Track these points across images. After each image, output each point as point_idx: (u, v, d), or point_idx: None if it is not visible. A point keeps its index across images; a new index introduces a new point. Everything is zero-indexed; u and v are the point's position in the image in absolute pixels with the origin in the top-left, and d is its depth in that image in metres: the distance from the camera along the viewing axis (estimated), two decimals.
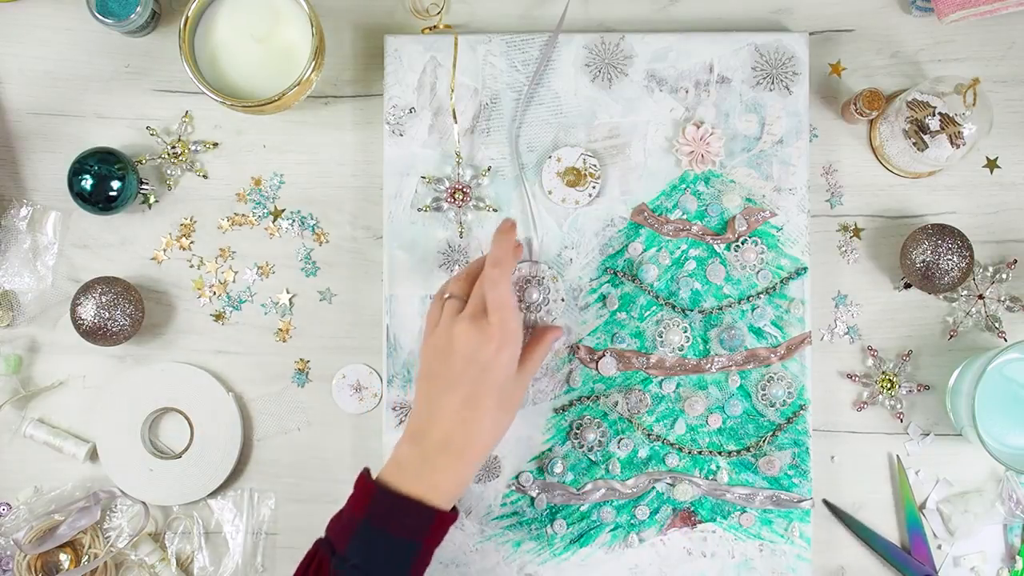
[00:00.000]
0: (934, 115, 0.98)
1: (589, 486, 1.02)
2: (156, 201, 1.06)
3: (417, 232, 1.03)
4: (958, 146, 0.98)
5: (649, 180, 1.03)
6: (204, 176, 1.06)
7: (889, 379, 1.04)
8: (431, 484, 0.86)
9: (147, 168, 1.06)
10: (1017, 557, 1.03)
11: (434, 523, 0.86)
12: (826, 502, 1.04)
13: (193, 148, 1.06)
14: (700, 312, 1.02)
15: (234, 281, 1.05)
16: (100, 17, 0.99)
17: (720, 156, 1.02)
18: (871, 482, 1.04)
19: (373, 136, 1.06)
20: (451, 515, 0.88)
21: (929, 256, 0.99)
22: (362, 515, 0.85)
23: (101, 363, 1.05)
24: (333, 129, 1.06)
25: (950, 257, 0.99)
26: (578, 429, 1.01)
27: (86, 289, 1.00)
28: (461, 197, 1.02)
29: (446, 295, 0.92)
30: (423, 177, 1.03)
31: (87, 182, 1.00)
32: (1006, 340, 1.04)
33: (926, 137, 0.99)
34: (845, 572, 1.04)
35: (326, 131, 1.06)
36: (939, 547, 1.04)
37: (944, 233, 1.00)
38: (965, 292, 1.04)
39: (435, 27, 1.04)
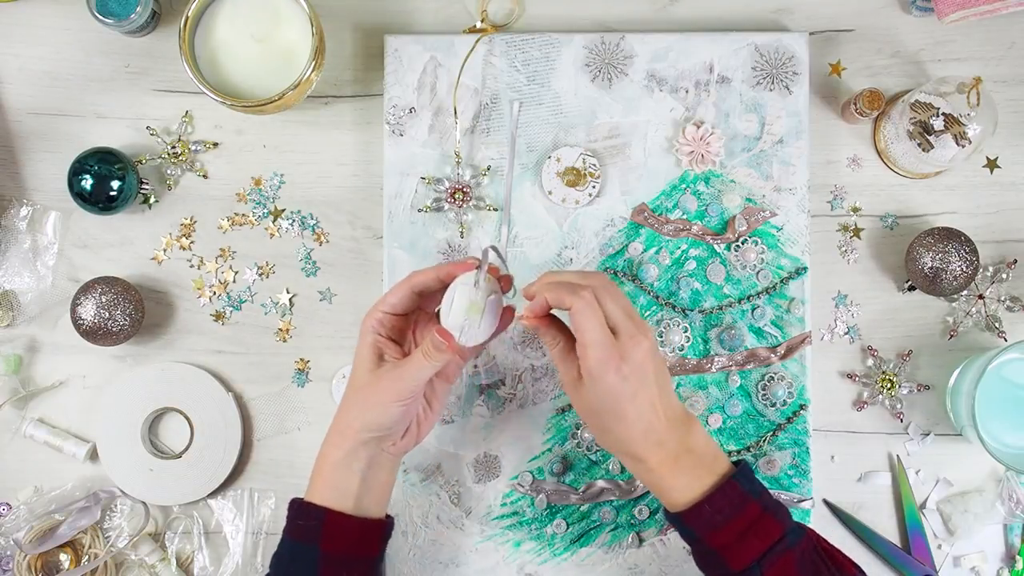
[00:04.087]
0: (938, 115, 0.99)
1: (589, 486, 1.01)
2: (156, 201, 1.06)
3: (417, 232, 1.03)
4: (963, 146, 0.98)
5: (649, 180, 1.03)
6: (204, 176, 1.06)
7: (889, 379, 1.04)
8: (309, 484, 0.88)
9: (147, 168, 1.06)
10: (1017, 557, 1.03)
11: (325, 523, 0.85)
12: (826, 502, 1.04)
13: (193, 148, 1.06)
14: (700, 312, 1.02)
15: (234, 281, 1.05)
16: (100, 17, 0.99)
17: (720, 156, 1.02)
18: (871, 482, 1.04)
19: (373, 136, 1.06)
20: (347, 518, 0.86)
21: (938, 263, 0.99)
22: (284, 528, 0.88)
23: (101, 363, 1.05)
24: (333, 129, 1.06)
25: (958, 263, 0.99)
26: (578, 429, 1.01)
27: (86, 289, 1.00)
28: (461, 197, 1.02)
29: None
30: (423, 177, 1.03)
31: (87, 182, 1.00)
32: (1006, 340, 1.04)
33: (931, 138, 0.99)
34: None
35: (326, 131, 1.06)
36: (939, 547, 1.04)
37: (951, 238, 1.00)
38: (965, 292, 1.04)
39: (482, 30, 1.04)
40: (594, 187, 1.02)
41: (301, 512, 0.87)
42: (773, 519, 0.81)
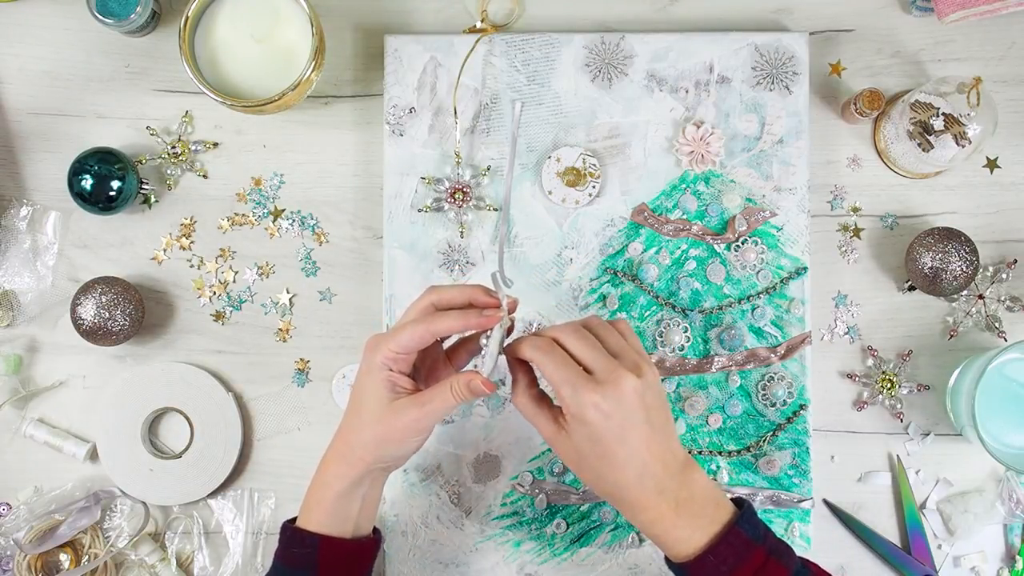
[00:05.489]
0: (938, 115, 0.99)
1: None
2: (156, 201, 1.06)
3: (417, 232, 1.03)
4: (963, 146, 0.98)
5: (649, 180, 1.03)
6: (204, 176, 1.06)
7: (889, 379, 1.04)
8: (303, 508, 0.87)
9: (147, 168, 1.06)
10: (1017, 557, 1.03)
11: (320, 550, 0.84)
12: (826, 502, 1.04)
13: (193, 148, 1.06)
14: (700, 312, 1.02)
15: (234, 281, 1.06)
16: (100, 17, 0.99)
17: (720, 156, 1.02)
18: (871, 482, 1.04)
19: (373, 136, 1.06)
20: (343, 542, 0.85)
21: (938, 263, 0.99)
22: (276, 553, 0.87)
23: (101, 363, 1.05)
24: (333, 129, 1.06)
25: (958, 263, 0.99)
26: None
27: (86, 289, 1.00)
28: (461, 197, 1.02)
29: None
30: (423, 177, 1.03)
31: (87, 182, 1.00)
32: (1006, 340, 1.04)
33: (931, 138, 0.99)
34: (845, 572, 1.04)
35: (326, 131, 1.06)
36: (939, 547, 1.04)
37: (951, 238, 1.00)
38: (965, 292, 1.04)
39: (482, 30, 1.04)
40: (594, 187, 1.02)
41: (295, 540, 0.86)
42: (778, 564, 0.78)
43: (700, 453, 1.01)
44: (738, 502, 0.81)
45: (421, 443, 0.85)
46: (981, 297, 1.05)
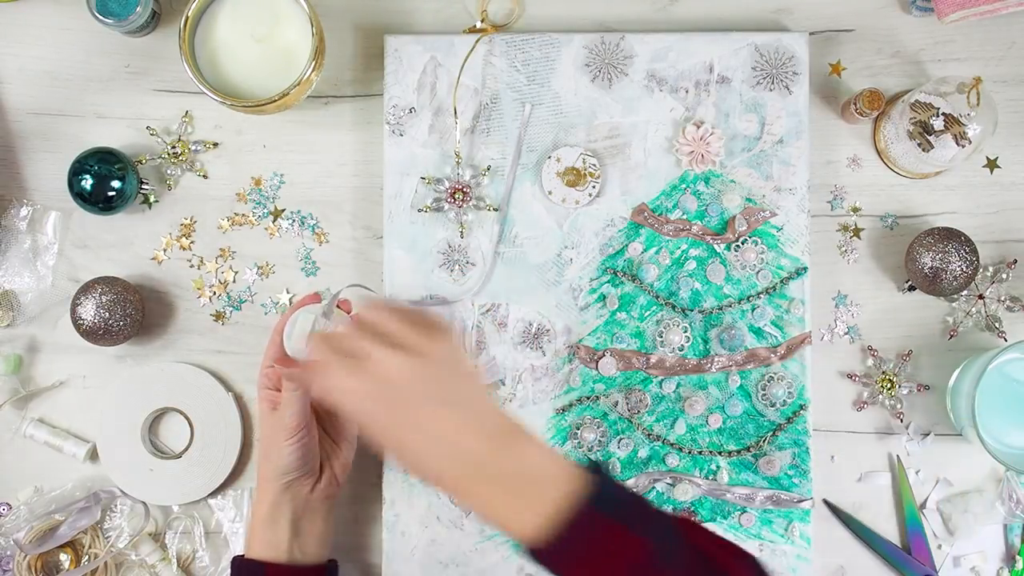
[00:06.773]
0: (938, 115, 0.99)
1: None
2: (156, 201, 1.06)
3: (417, 232, 1.03)
4: (963, 146, 0.98)
5: (649, 180, 1.03)
6: (204, 176, 1.06)
7: (889, 379, 1.04)
8: (245, 539, 0.94)
9: (147, 168, 1.06)
10: (1017, 557, 1.03)
11: None
12: (826, 502, 1.04)
13: (193, 148, 1.06)
14: (700, 312, 1.02)
15: (234, 281, 1.06)
16: (100, 17, 0.99)
17: (720, 156, 1.02)
18: (871, 482, 1.04)
19: (373, 136, 1.06)
20: (286, 569, 0.90)
21: (938, 263, 0.99)
22: None
23: (101, 363, 1.05)
24: (333, 129, 1.06)
25: (958, 263, 0.99)
26: (578, 429, 1.01)
27: (86, 289, 1.00)
28: (461, 197, 1.02)
29: None
30: (423, 177, 1.03)
31: (87, 182, 1.00)
32: (1006, 340, 1.04)
33: (931, 138, 0.99)
34: (845, 572, 1.04)
35: (326, 131, 1.06)
36: (939, 547, 1.04)
37: (951, 238, 1.00)
38: (965, 292, 1.04)
39: (482, 30, 1.04)
40: (594, 187, 1.02)
41: (241, 569, 0.91)
42: (637, 537, 0.68)
43: (700, 453, 1.01)
44: (595, 468, 0.71)
45: (301, 449, 0.90)
46: (981, 297, 1.05)
